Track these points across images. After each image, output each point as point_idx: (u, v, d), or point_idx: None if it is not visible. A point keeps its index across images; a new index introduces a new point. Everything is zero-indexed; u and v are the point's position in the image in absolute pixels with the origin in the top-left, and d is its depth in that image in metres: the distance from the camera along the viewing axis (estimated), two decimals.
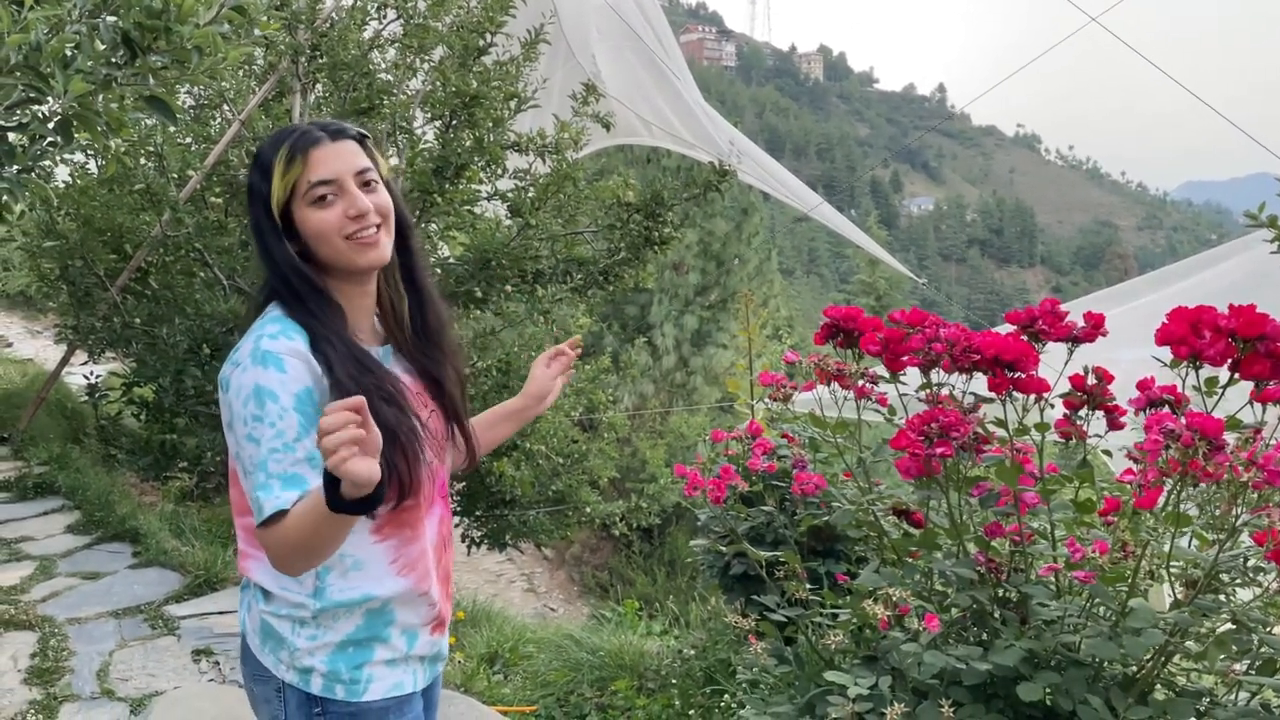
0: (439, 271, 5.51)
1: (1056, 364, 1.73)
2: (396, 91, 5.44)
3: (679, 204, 5.76)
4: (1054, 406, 1.70)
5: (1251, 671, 1.63)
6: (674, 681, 3.33)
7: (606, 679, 3.56)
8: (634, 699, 3.39)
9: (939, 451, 1.70)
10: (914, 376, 1.85)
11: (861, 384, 1.96)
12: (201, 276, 5.71)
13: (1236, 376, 1.58)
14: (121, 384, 5.98)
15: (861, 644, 2.00)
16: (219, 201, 5.82)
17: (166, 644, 3.70)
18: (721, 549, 2.74)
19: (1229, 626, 1.64)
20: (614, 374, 8.43)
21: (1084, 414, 1.69)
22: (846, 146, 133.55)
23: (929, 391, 1.81)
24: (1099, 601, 1.68)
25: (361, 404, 1.09)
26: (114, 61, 2.34)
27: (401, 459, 1.35)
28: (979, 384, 1.73)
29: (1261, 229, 2.33)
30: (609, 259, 5.72)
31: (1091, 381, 1.68)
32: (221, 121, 6.04)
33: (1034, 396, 1.68)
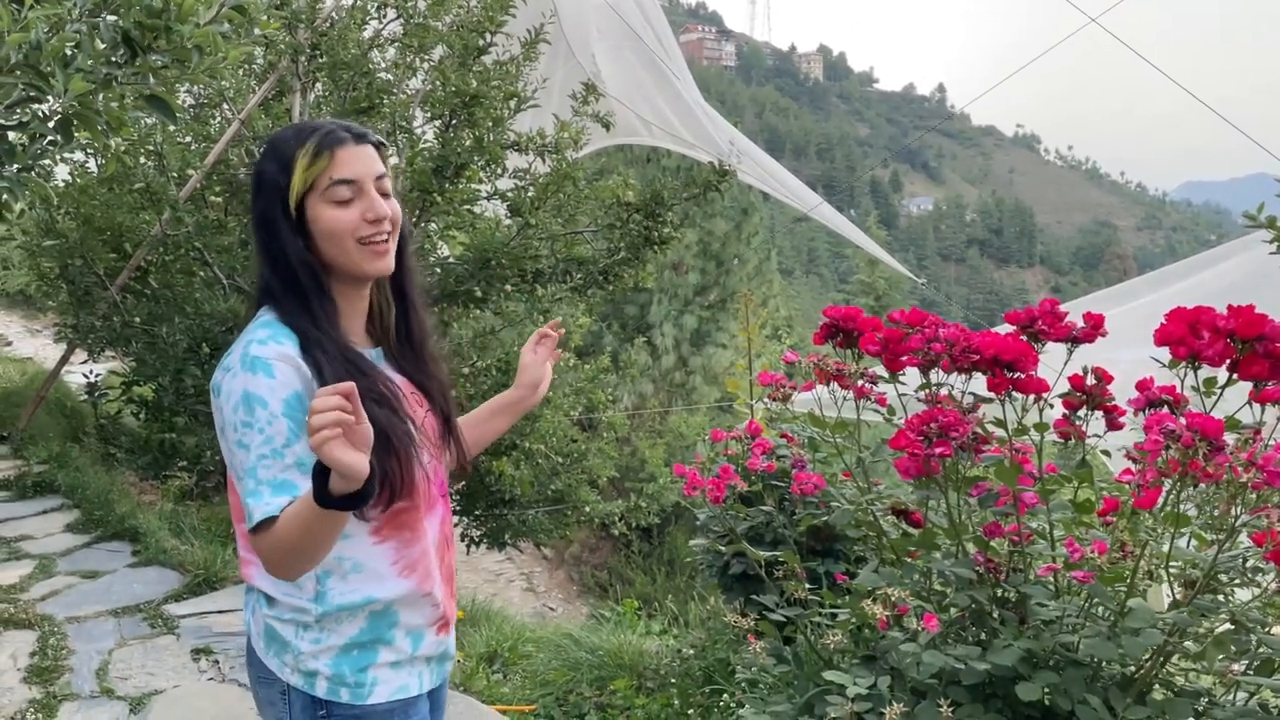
0: (439, 271, 5.51)
1: (1056, 364, 1.73)
2: (396, 91, 5.44)
3: (679, 204, 5.75)
4: (1053, 407, 1.71)
5: (1250, 672, 1.64)
6: (673, 681, 3.33)
7: (605, 678, 3.56)
8: (633, 698, 3.39)
9: (938, 451, 1.70)
10: (913, 376, 1.85)
11: (861, 384, 1.96)
12: (201, 275, 5.71)
13: (1235, 377, 1.58)
14: (121, 383, 5.99)
15: (860, 644, 2.00)
16: (219, 200, 5.81)
17: (166, 643, 3.70)
18: (720, 548, 2.74)
19: (1227, 627, 1.65)
20: (613, 373, 8.42)
21: (1083, 414, 1.69)
22: (846, 146, 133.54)
23: (928, 391, 1.81)
24: (1098, 601, 1.68)
25: (351, 389, 1.10)
26: (114, 60, 2.34)
27: (394, 461, 1.34)
28: (978, 384, 1.73)
29: (1260, 229, 2.33)
30: (609, 259, 5.72)
31: (1090, 382, 1.68)
32: (221, 121, 6.04)
33: (1033, 397, 1.68)
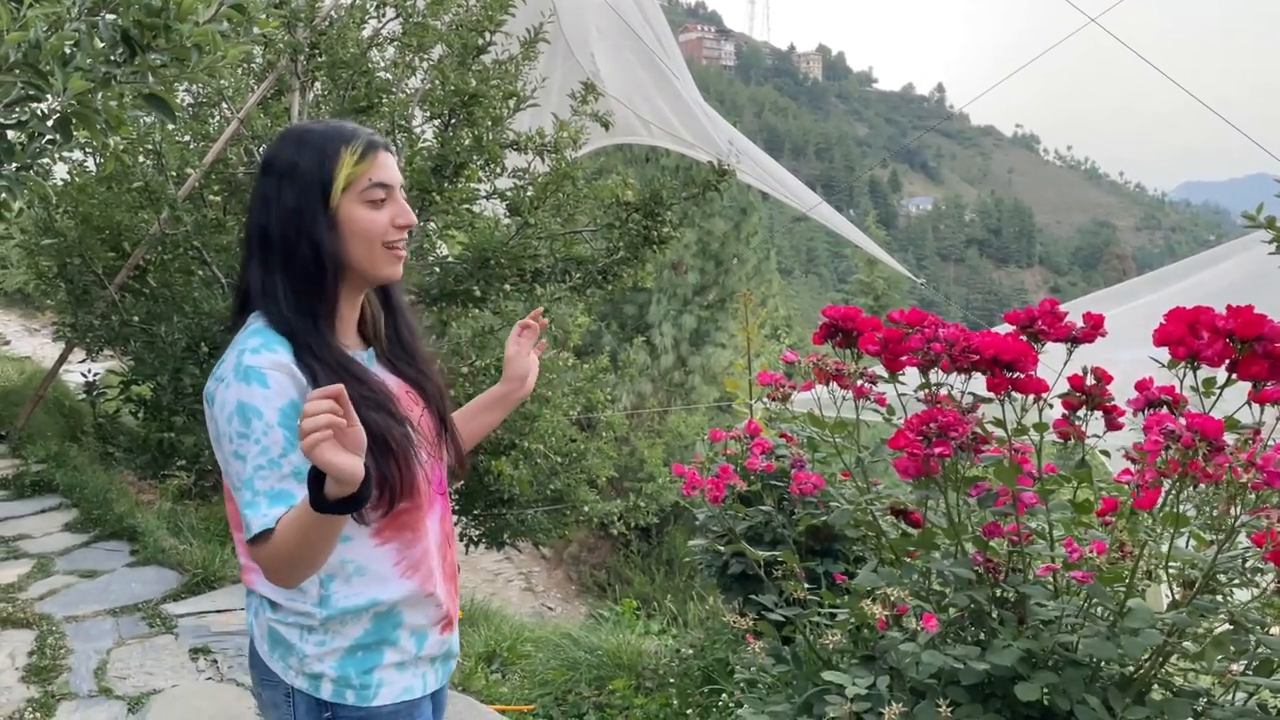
0: (438, 270, 5.51)
1: (1055, 364, 1.73)
2: (395, 90, 5.44)
3: (678, 203, 5.75)
4: (1052, 407, 1.71)
5: (1249, 672, 1.64)
6: (672, 681, 3.33)
7: (604, 678, 3.56)
8: (632, 698, 3.39)
9: (937, 451, 1.70)
10: (912, 376, 1.85)
11: (860, 384, 1.96)
12: (200, 274, 5.71)
13: (1234, 377, 1.58)
14: (119, 382, 5.98)
15: (859, 643, 2.00)
16: (217, 199, 5.82)
17: (164, 642, 3.70)
18: (720, 548, 2.74)
19: (1226, 627, 1.65)
20: (612, 373, 8.44)
21: (1082, 414, 1.69)
22: (845, 146, 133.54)
23: (927, 391, 1.81)
24: (1097, 601, 1.68)
25: (340, 391, 1.10)
26: (113, 59, 2.33)
27: (393, 465, 1.34)
28: (978, 384, 1.73)
29: (1259, 230, 2.34)
30: (608, 258, 5.72)
31: (1090, 382, 1.68)
32: (220, 120, 6.04)
33: (1033, 397, 1.68)
